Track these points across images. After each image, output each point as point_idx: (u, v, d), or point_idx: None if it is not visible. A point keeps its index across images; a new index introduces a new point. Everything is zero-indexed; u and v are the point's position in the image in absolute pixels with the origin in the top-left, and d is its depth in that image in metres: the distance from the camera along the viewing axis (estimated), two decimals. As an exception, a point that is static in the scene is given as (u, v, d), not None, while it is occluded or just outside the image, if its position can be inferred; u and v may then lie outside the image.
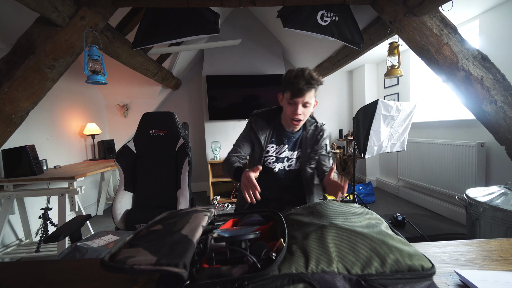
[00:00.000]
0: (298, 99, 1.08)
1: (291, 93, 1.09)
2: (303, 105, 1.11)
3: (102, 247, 0.95)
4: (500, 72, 1.64)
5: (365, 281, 0.39)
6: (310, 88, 1.07)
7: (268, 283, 0.38)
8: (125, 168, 1.44)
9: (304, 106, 1.12)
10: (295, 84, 1.06)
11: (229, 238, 0.45)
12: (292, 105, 1.12)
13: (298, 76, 1.06)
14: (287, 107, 1.14)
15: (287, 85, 1.11)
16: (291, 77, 1.08)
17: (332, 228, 0.47)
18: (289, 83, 1.09)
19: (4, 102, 1.51)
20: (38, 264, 0.60)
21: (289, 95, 1.10)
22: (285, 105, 1.16)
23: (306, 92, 1.07)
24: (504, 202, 1.38)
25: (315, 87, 1.10)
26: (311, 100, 1.11)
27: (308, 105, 1.12)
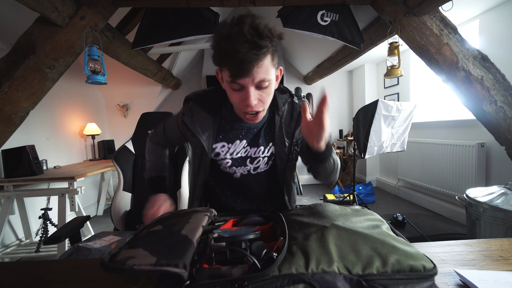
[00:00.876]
0: (243, 79, 0.62)
1: (230, 70, 0.62)
2: (257, 87, 0.65)
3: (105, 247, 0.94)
4: (500, 72, 1.64)
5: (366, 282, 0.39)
6: (261, 54, 0.59)
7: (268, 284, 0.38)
8: (124, 169, 1.44)
9: (258, 88, 0.65)
10: (232, 53, 0.58)
11: (229, 238, 0.45)
12: (237, 91, 0.66)
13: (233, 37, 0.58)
14: (232, 94, 0.68)
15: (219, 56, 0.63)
16: (223, 39, 0.59)
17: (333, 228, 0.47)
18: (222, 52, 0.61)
19: (4, 102, 1.51)
20: (38, 264, 0.60)
21: (227, 74, 0.63)
22: (227, 89, 0.69)
23: (255, 64, 0.60)
24: (504, 202, 1.38)
25: (270, 49, 0.62)
26: (268, 74, 0.64)
27: (264, 84, 0.65)
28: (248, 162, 0.84)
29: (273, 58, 0.65)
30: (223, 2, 1.72)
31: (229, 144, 0.82)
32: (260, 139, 0.82)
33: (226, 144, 0.82)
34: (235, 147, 0.82)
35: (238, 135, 0.82)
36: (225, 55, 0.60)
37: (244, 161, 0.84)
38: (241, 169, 0.84)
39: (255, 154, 0.83)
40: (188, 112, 0.84)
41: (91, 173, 2.28)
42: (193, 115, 0.83)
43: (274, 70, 0.67)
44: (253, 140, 0.82)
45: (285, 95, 0.84)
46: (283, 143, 0.81)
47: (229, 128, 0.82)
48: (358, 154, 2.39)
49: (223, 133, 0.82)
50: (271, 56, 0.64)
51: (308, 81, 4.23)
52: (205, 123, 0.81)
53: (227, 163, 0.83)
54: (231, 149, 0.82)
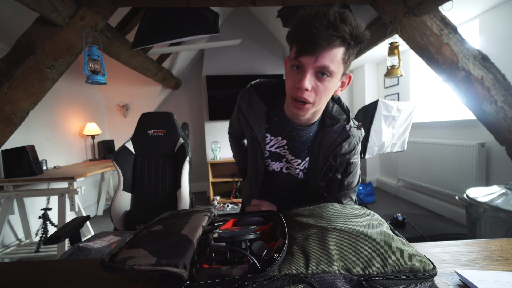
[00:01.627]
0: (307, 57, 0.57)
1: (298, 45, 0.58)
2: (317, 73, 0.59)
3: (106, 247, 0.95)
4: (500, 72, 1.64)
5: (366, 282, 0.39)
6: (335, 38, 0.55)
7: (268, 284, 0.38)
8: (124, 169, 1.44)
9: (317, 75, 0.60)
10: (308, 28, 0.55)
11: (229, 238, 0.45)
12: (296, 72, 0.61)
13: (317, 15, 0.55)
14: (289, 76, 0.64)
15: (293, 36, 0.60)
16: (306, 16, 0.57)
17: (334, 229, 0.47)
18: (298, 26, 0.58)
19: (3, 102, 1.50)
20: (38, 264, 0.60)
21: (294, 51, 0.59)
22: (287, 71, 0.65)
23: (325, 47, 0.55)
24: (504, 202, 1.38)
25: (347, 41, 0.57)
26: (333, 64, 0.58)
27: (327, 73, 0.59)
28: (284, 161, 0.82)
29: (345, 53, 0.59)
30: (223, 2, 1.72)
31: (271, 136, 0.80)
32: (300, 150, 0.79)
33: (269, 136, 0.80)
34: (276, 141, 0.80)
35: (281, 132, 0.78)
36: (301, 27, 0.56)
37: (280, 158, 0.82)
38: (277, 164, 0.83)
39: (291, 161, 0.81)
40: (246, 97, 0.81)
41: (91, 173, 2.28)
42: (250, 101, 0.80)
43: (342, 67, 0.61)
44: (293, 148, 0.79)
45: (343, 116, 0.76)
46: (318, 162, 0.76)
47: (276, 121, 0.78)
48: (358, 154, 2.38)
49: (270, 123, 0.79)
50: (345, 50, 0.58)
51: (308, 81, 4.23)
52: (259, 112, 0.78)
53: (265, 154, 0.82)
54: (272, 142, 0.80)
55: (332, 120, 0.75)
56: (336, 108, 0.76)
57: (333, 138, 0.74)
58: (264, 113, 0.78)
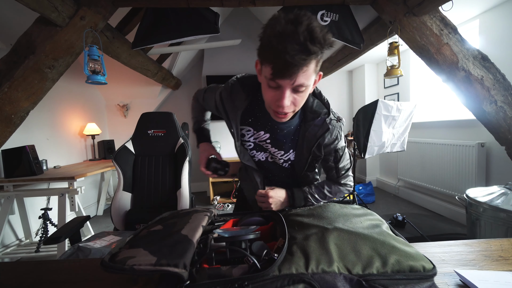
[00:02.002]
0: (283, 81, 0.60)
1: (273, 68, 0.59)
2: (294, 90, 0.63)
3: (105, 247, 0.95)
4: (500, 72, 1.64)
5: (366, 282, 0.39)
6: (308, 60, 0.57)
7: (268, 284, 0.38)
8: (124, 169, 1.44)
9: (295, 91, 0.63)
10: (280, 53, 0.55)
11: (229, 238, 0.45)
12: (274, 89, 0.63)
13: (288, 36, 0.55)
14: (266, 91, 0.66)
15: (266, 51, 0.61)
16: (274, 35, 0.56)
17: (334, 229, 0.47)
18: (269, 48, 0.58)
19: (4, 102, 1.50)
20: (38, 264, 0.60)
21: (269, 70, 0.60)
22: (263, 84, 0.67)
23: (300, 69, 0.57)
24: (504, 202, 1.38)
25: (318, 55, 0.59)
26: (309, 80, 0.61)
27: (302, 88, 0.62)
28: (268, 152, 0.88)
29: (317, 64, 0.62)
30: (223, 2, 1.72)
31: (254, 131, 0.84)
32: (282, 143, 0.84)
33: (252, 130, 0.84)
34: (258, 136, 0.84)
35: (264, 127, 0.83)
36: (273, 52, 0.57)
37: (263, 149, 0.88)
38: (261, 154, 0.89)
39: (274, 153, 0.86)
40: (229, 87, 0.84)
41: (91, 173, 2.28)
42: (232, 91, 0.83)
43: (314, 75, 0.64)
44: (276, 140, 0.84)
45: (324, 110, 0.81)
46: (303, 154, 0.83)
47: (259, 116, 0.82)
48: (358, 154, 2.38)
49: (253, 117, 0.83)
50: (316, 63, 0.61)
51: (308, 81, 4.23)
52: (237, 102, 0.81)
53: (249, 145, 0.87)
54: (255, 136, 0.85)
55: (313, 114, 0.79)
56: (317, 103, 0.81)
57: (314, 131, 0.79)
58: (243, 104, 0.80)
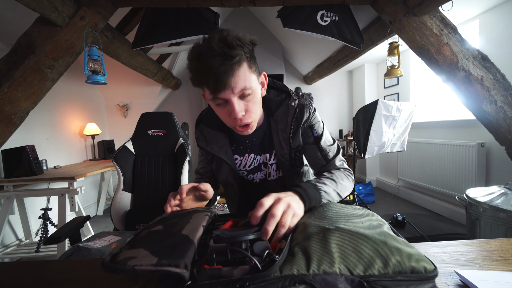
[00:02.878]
0: (223, 93, 0.60)
1: (209, 87, 0.61)
2: (240, 97, 0.63)
3: (105, 247, 0.94)
4: (500, 72, 1.65)
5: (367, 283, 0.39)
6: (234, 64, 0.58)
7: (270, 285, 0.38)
8: (124, 169, 1.44)
9: (242, 98, 0.63)
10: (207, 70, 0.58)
11: (229, 238, 0.45)
12: (223, 106, 0.64)
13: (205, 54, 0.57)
14: (219, 111, 0.68)
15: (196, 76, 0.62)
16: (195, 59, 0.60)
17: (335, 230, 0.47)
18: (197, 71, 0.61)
19: (4, 102, 1.50)
20: (38, 264, 0.60)
21: (208, 91, 0.62)
22: (214, 107, 0.69)
23: (231, 75, 0.58)
24: (504, 202, 1.38)
25: (244, 56, 0.60)
26: (248, 81, 0.62)
27: (247, 92, 0.62)
28: (263, 167, 0.86)
29: (250, 65, 0.63)
30: (223, 2, 1.72)
31: (241, 157, 0.84)
32: (264, 147, 0.83)
33: (239, 157, 0.85)
34: (246, 160, 0.85)
35: (246, 149, 0.83)
36: (201, 73, 0.60)
37: (258, 168, 0.86)
38: (258, 174, 0.87)
39: (266, 160, 0.85)
40: (200, 136, 0.85)
41: (91, 173, 2.28)
42: (206, 137, 0.84)
43: (255, 76, 0.65)
44: (259, 148, 0.83)
45: (281, 96, 0.79)
46: (281, 149, 0.80)
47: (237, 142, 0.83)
48: (358, 154, 2.39)
49: (235, 145, 0.84)
50: (248, 64, 0.62)
51: (308, 81, 4.23)
52: (219, 141, 0.82)
53: (243, 173, 0.87)
54: (243, 162, 0.85)
55: (276, 104, 0.78)
56: (272, 92, 0.80)
57: (284, 120, 0.77)
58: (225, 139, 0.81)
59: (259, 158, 0.84)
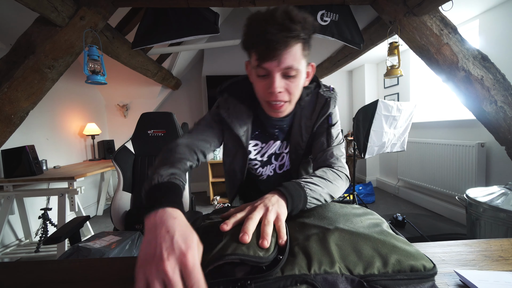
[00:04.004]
0: (270, 63, 0.58)
1: (257, 53, 0.58)
2: (284, 75, 0.61)
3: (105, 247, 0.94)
4: (500, 72, 1.64)
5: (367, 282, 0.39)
6: (291, 39, 0.56)
7: (271, 284, 0.38)
8: (124, 169, 1.44)
9: (285, 76, 0.61)
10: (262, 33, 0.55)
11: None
12: (263, 77, 0.62)
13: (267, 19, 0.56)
14: (257, 82, 0.64)
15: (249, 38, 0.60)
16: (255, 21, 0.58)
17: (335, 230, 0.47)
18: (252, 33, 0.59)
19: (3, 102, 1.50)
20: (37, 264, 0.60)
21: (254, 57, 0.60)
22: (253, 77, 0.66)
23: (284, 48, 0.56)
24: (504, 202, 1.38)
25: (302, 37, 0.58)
26: (297, 62, 0.59)
27: (292, 72, 0.60)
28: (273, 159, 0.81)
29: (304, 48, 0.60)
30: (223, 2, 1.72)
31: (262, 144, 0.79)
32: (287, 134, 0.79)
33: (260, 144, 0.79)
34: (268, 147, 0.79)
35: (272, 135, 0.78)
36: (254, 35, 0.58)
37: (270, 159, 0.81)
38: (268, 168, 0.82)
39: (279, 149, 0.80)
40: (224, 104, 0.76)
41: (91, 173, 2.28)
42: (229, 108, 0.75)
43: (304, 61, 0.62)
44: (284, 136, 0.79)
45: (311, 85, 0.76)
46: (300, 136, 0.76)
47: (263, 127, 0.77)
48: (358, 154, 2.38)
49: (259, 130, 0.78)
50: (302, 45, 0.60)
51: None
52: (242, 117, 0.75)
53: (255, 164, 0.81)
54: (263, 150, 0.79)
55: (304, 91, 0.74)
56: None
57: (311, 107, 0.75)
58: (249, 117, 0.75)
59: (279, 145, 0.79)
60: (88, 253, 0.90)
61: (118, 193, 1.40)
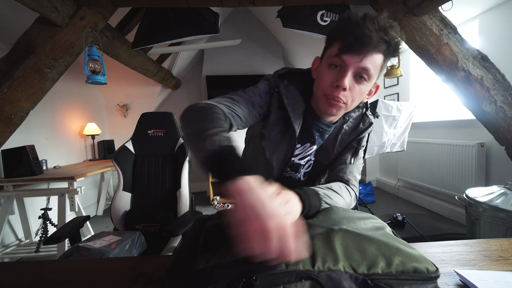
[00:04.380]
0: (351, 57, 0.56)
1: (343, 43, 0.56)
2: (357, 74, 0.58)
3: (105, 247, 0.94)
4: (500, 72, 1.65)
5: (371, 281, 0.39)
6: (383, 43, 0.55)
7: (276, 279, 0.39)
8: (124, 169, 1.44)
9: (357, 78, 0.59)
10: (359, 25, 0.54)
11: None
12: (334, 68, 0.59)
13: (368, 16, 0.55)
14: (325, 73, 0.61)
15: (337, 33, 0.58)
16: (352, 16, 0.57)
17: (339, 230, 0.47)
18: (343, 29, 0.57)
19: (3, 102, 1.50)
20: (37, 264, 0.60)
21: (336, 48, 0.57)
22: (322, 70, 0.62)
23: (372, 48, 0.55)
24: (504, 202, 1.38)
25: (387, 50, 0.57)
26: (374, 69, 0.58)
27: (365, 78, 0.58)
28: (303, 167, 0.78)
29: (383, 62, 0.59)
30: (223, 2, 1.72)
31: (298, 144, 0.73)
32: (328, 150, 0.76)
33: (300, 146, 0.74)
34: (303, 149, 0.75)
35: (310, 137, 0.74)
36: (351, 26, 0.55)
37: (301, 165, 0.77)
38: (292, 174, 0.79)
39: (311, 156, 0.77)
40: (285, 92, 0.68)
41: (91, 173, 2.28)
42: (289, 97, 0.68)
43: (377, 74, 0.60)
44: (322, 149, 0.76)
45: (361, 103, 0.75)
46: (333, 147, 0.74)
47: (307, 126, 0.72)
48: (358, 154, 2.38)
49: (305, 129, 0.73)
50: (383, 59, 0.58)
51: (308, 81, 4.23)
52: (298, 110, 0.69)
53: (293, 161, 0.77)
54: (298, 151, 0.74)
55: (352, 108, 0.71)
56: None
57: (354, 125, 0.75)
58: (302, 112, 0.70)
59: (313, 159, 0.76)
60: (88, 253, 0.90)
61: (118, 193, 1.40)
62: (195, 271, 0.39)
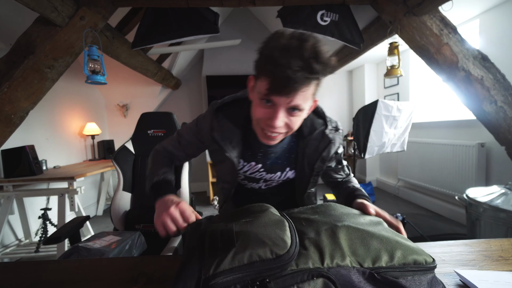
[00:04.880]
0: (280, 98, 0.56)
1: (270, 83, 0.54)
2: (289, 111, 0.59)
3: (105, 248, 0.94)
4: (500, 72, 1.65)
5: (378, 274, 0.41)
6: (310, 80, 0.54)
7: (288, 279, 0.39)
8: (124, 169, 1.44)
9: (290, 113, 0.59)
10: (282, 67, 0.51)
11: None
12: (265, 105, 0.59)
13: (292, 50, 0.52)
14: (258, 108, 0.61)
15: (266, 64, 0.55)
16: (278, 48, 0.52)
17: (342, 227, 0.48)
18: (271, 61, 0.53)
19: (3, 102, 1.50)
20: (37, 264, 0.60)
21: (265, 85, 0.55)
22: (255, 101, 0.62)
23: (300, 87, 0.54)
24: (504, 202, 1.38)
25: (319, 80, 0.57)
26: (306, 102, 0.58)
27: (298, 110, 0.59)
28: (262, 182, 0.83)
29: (316, 87, 0.59)
30: (223, 2, 1.72)
31: (244, 162, 0.78)
32: (277, 166, 0.79)
33: (242, 161, 0.78)
34: (250, 167, 0.78)
35: (254, 157, 0.77)
36: (274, 65, 0.52)
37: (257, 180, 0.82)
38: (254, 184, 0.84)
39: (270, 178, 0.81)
40: (217, 126, 0.74)
41: (91, 173, 2.28)
42: (223, 130, 0.74)
43: (311, 99, 0.60)
44: (270, 166, 0.78)
45: (319, 121, 0.77)
46: (304, 171, 0.78)
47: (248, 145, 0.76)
48: (358, 154, 2.38)
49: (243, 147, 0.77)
50: (315, 88, 0.59)
51: (308, 81, 4.23)
52: (234, 140, 0.74)
53: (241, 177, 0.82)
54: (245, 168, 0.79)
55: (310, 128, 0.75)
56: (311, 115, 0.76)
57: (314, 146, 0.76)
58: (240, 139, 0.74)
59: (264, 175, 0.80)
60: (88, 253, 0.90)
61: (118, 193, 1.40)
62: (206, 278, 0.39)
